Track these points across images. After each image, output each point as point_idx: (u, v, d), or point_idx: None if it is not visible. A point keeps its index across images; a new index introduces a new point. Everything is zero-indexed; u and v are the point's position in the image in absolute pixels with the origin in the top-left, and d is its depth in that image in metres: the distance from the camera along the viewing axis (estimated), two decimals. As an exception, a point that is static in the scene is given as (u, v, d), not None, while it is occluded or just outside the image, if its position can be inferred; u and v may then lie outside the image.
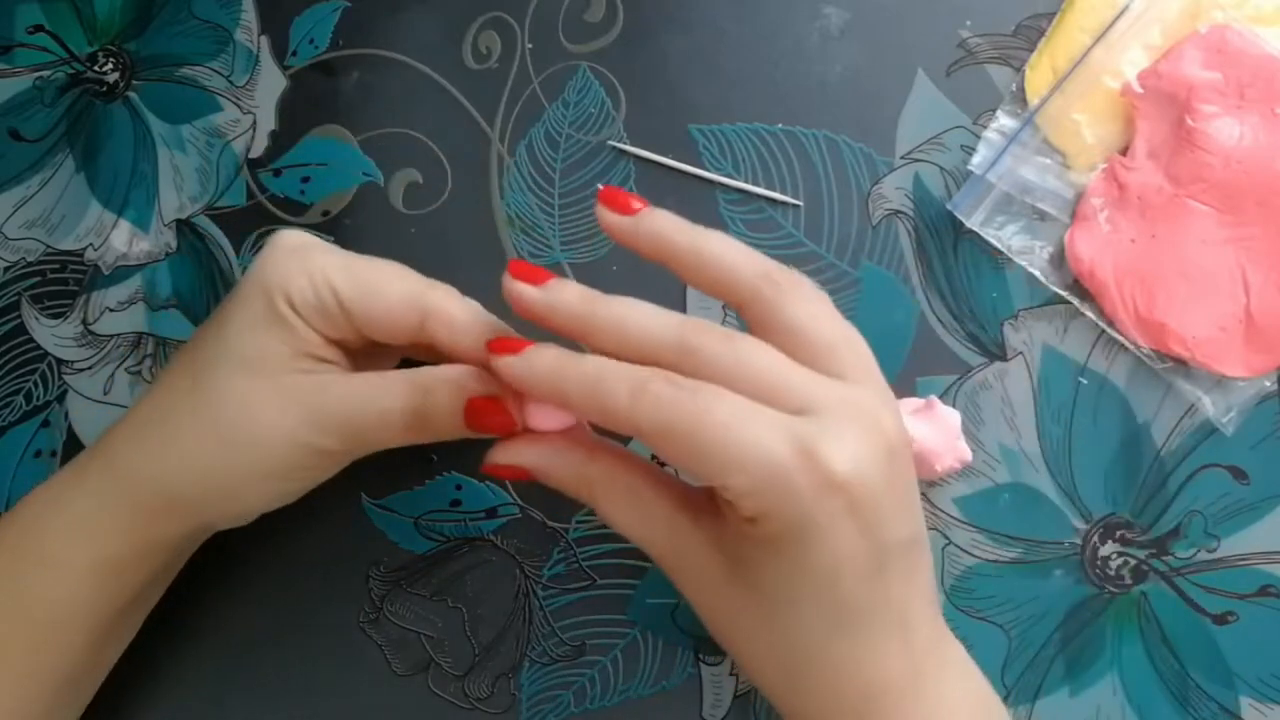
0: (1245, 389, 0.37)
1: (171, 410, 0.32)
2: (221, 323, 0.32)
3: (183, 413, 0.31)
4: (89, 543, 0.32)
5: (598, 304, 0.29)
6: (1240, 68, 0.37)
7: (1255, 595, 0.37)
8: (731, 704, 0.37)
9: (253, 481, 0.32)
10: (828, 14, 0.42)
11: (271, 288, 0.31)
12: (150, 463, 0.32)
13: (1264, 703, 0.36)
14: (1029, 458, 0.38)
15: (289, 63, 0.44)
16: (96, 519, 0.32)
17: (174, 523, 0.32)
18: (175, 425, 0.31)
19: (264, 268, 0.31)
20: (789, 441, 0.26)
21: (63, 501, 0.33)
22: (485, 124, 0.43)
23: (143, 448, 0.32)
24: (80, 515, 0.32)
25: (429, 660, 0.38)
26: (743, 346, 0.28)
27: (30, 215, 0.44)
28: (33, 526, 0.32)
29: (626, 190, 0.32)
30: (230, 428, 0.31)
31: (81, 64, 0.45)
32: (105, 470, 0.32)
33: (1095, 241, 0.38)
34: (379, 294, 0.31)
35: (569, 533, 0.39)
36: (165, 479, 0.31)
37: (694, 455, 0.26)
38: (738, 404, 0.26)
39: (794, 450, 0.26)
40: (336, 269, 0.31)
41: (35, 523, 0.33)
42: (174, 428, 0.31)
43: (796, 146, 0.41)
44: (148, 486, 0.32)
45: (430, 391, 0.30)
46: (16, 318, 0.43)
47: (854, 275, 0.40)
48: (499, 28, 0.43)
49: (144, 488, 0.32)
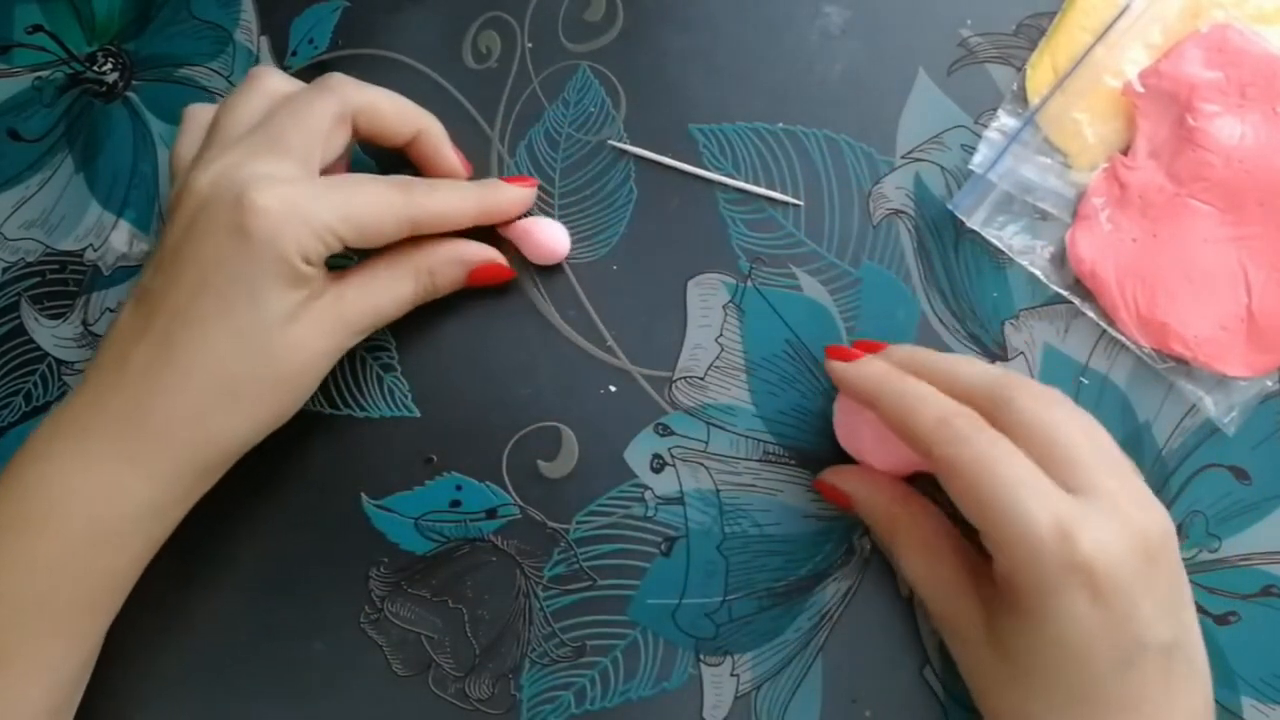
0: (1247, 389, 0.37)
1: (218, 368, 0.33)
2: (245, 285, 0.32)
3: (236, 365, 0.33)
4: (151, 522, 0.33)
5: (918, 356, 0.34)
6: (1241, 67, 0.37)
7: (1257, 595, 0.36)
8: (732, 705, 0.37)
9: (298, 400, 0.35)
10: (828, 13, 0.42)
11: (288, 254, 0.32)
12: (200, 423, 0.33)
13: (1266, 703, 0.36)
14: (1030, 458, 0.38)
15: (289, 63, 0.44)
16: (150, 495, 0.33)
17: (220, 465, 0.35)
18: (229, 382, 0.33)
19: (273, 235, 0.32)
20: (1052, 517, 0.28)
21: (101, 476, 0.32)
22: (485, 124, 0.43)
23: (182, 406, 0.33)
24: (137, 499, 0.33)
25: (429, 661, 0.38)
26: (1054, 413, 0.30)
27: (30, 216, 0.44)
28: (73, 509, 0.32)
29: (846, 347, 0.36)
30: (292, 373, 0.34)
31: (81, 64, 0.45)
32: (142, 436, 0.33)
33: (1096, 241, 0.38)
34: (378, 232, 0.35)
35: (569, 533, 0.39)
36: (222, 438, 0.34)
37: (970, 498, 0.29)
38: (1024, 469, 0.29)
39: (1053, 525, 0.28)
40: (339, 221, 0.33)
41: (74, 503, 0.32)
42: (227, 384, 0.33)
43: (797, 146, 0.41)
44: (201, 450, 0.33)
45: (435, 274, 0.38)
46: (16, 318, 0.43)
47: (855, 275, 0.40)
48: (499, 27, 0.43)
49: (196, 450, 0.33)
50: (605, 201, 0.41)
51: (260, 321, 0.33)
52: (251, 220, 0.32)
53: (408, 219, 0.36)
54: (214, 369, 0.33)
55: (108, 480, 0.32)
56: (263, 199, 0.32)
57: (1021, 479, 0.28)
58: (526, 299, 0.41)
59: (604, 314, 0.40)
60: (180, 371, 0.32)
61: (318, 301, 0.34)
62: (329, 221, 0.33)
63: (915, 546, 0.34)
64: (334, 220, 0.33)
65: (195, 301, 0.32)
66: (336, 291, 0.35)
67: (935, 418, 0.30)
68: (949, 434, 0.30)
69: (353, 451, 0.40)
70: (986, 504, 0.29)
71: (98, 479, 0.32)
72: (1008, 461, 0.29)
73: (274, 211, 0.32)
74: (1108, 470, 0.30)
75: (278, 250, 0.32)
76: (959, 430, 0.30)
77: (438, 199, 0.37)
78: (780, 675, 0.37)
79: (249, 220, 0.32)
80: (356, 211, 0.34)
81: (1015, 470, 0.29)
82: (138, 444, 0.32)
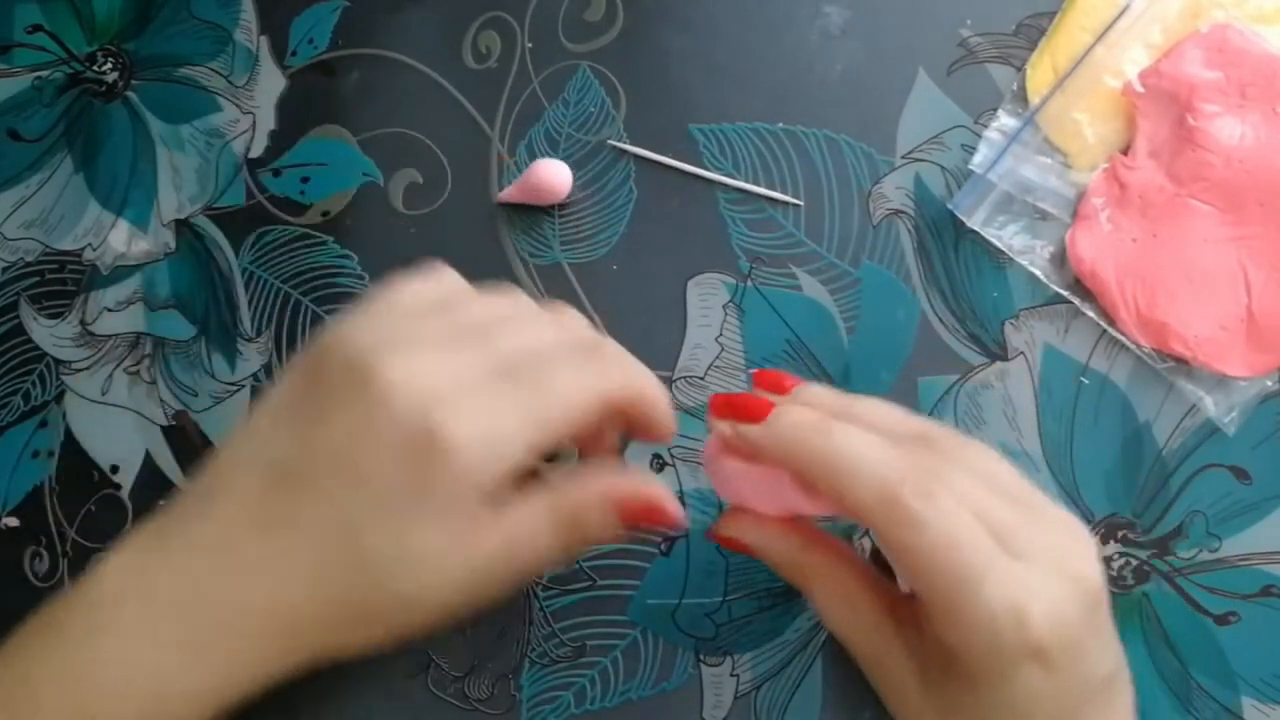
0: (1247, 389, 0.37)
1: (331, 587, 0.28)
2: (386, 521, 0.27)
3: (350, 590, 0.28)
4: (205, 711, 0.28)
5: (827, 402, 0.31)
6: (1241, 67, 0.37)
7: (1257, 595, 0.36)
8: (732, 705, 0.37)
9: (389, 637, 0.29)
10: (828, 13, 0.42)
11: (465, 488, 0.27)
12: (293, 632, 0.28)
13: (1266, 703, 0.36)
14: (1030, 458, 0.38)
15: (288, 63, 0.44)
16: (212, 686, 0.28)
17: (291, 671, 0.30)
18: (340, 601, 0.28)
19: (456, 467, 0.27)
20: (1007, 597, 0.26)
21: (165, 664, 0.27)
22: (485, 124, 0.43)
23: (286, 610, 0.28)
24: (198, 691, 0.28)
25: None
26: (981, 456, 0.29)
27: (29, 215, 0.44)
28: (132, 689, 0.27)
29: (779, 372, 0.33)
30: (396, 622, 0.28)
31: (80, 64, 0.45)
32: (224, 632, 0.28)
33: (1096, 241, 0.38)
34: (570, 425, 0.29)
35: (569, 533, 0.39)
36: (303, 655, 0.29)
37: (924, 579, 0.27)
38: (984, 547, 0.27)
39: (1008, 607, 0.26)
40: (534, 432, 0.28)
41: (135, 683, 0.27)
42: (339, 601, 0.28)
43: (797, 146, 0.41)
44: (275, 665, 0.29)
45: (580, 525, 0.30)
46: (15, 318, 0.43)
47: (855, 275, 0.40)
48: (499, 27, 0.43)
49: (274, 663, 0.29)
50: (605, 201, 0.41)
51: (380, 547, 0.27)
52: (440, 445, 0.27)
53: (604, 411, 0.29)
54: (327, 586, 0.27)
55: (171, 670, 0.27)
56: (459, 430, 0.27)
57: (982, 560, 0.27)
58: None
59: (604, 314, 0.40)
60: (299, 580, 0.27)
61: (459, 541, 0.28)
62: (527, 442, 0.28)
63: (831, 592, 0.31)
64: (532, 436, 0.28)
65: (341, 507, 0.27)
66: (477, 540, 0.28)
67: (877, 495, 0.27)
68: (900, 515, 0.27)
69: (352, 451, 0.40)
70: (941, 587, 0.27)
71: (160, 666, 0.27)
72: (969, 543, 0.27)
73: (463, 441, 0.27)
74: (1041, 522, 0.29)
75: (452, 483, 0.27)
76: (912, 513, 0.27)
77: (632, 366, 0.31)
78: (780, 675, 0.37)
79: (438, 445, 0.27)
80: (545, 411, 0.28)
81: (977, 553, 0.27)
82: (213, 635, 0.28)
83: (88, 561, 0.41)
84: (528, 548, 0.29)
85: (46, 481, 0.42)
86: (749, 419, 0.30)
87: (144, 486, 0.41)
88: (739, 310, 0.40)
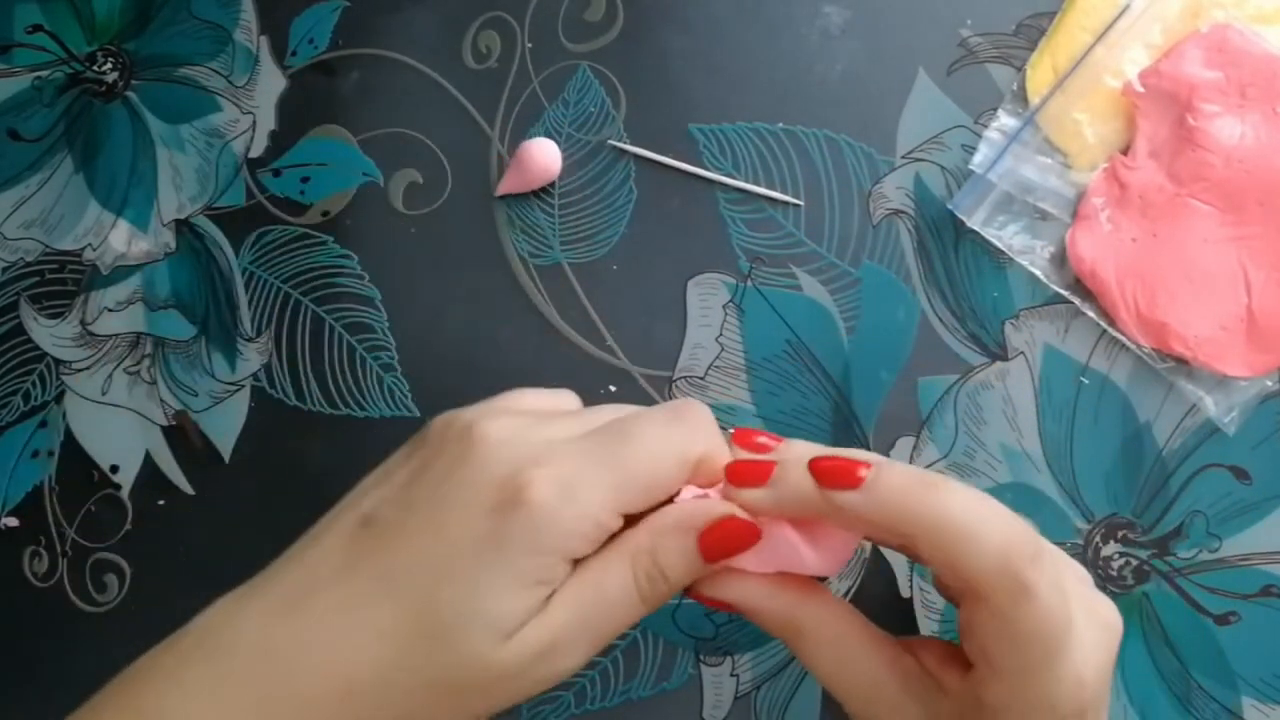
0: (1247, 388, 0.37)
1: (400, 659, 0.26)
2: (464, 571, 0.26)
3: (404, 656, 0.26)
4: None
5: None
6: (1241, 67, 0.37)
7: (1257, 595, 0.36)
8: (732, 705, 0.37)
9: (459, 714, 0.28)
10: (828, 13, 0.42)
11: (547, 551, 0.27)
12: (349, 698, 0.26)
13: (1266, 703, 0.36)
14: (1030, 458, 0.38)
15: (288, 63, 0.44)
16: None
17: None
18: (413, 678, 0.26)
19: (538, 519, 0.26)
20: (1076, 662, 0.26)
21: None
22: (485, 124, 0.43)
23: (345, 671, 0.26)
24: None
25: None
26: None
27: (29, 215, 0.44)
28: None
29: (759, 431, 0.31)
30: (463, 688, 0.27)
31: (80, 64, 0.45)
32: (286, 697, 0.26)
33: (1096, 241, 0.38)
34: (659, 487, 0.28)
35: (569, 533, 0.39)
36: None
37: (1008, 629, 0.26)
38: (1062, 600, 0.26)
39: (1075, 676, 0.26)
40: (617, 488, 0.27)
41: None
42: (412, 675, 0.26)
43: (797, 146, 0.41)
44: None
45: (666, 579, 0.28)
46: (15, 318, 0.43)
47: (855, 275, 0.40)
48: (499, 27, 0.43)
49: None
50: (605, 201, 0.41)
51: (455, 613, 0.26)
52: (524, 497, 0.26)
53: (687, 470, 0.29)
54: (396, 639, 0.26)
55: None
56: (545, 482, 0.26)
57: (1065, 628, 0.26)
58: (526, 299, 0.41)
59: (604, 314, 0.40)
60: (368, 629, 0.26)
61: (535, 600, 0.27)
62: (611, 500, 0.27)
63: (824, 649, 0.29)
64: (619, 495, 0.27)
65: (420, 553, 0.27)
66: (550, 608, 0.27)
67: (999, 563, 0.25)
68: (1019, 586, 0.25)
69: (353, 451, 0.40)
70: (1032, 655, 0.25)
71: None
72: (1060, 610, 0.26)
73: (548, 499, 0.26)
74: (1059, 558, 0.29)
75: (534, 544, 0.26)
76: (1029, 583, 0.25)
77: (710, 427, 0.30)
78: (780, 675, 0.37)
79: (523, 496, 0.26)
80: (635, 465, 0.28)
81: (1064, 621, 0.26)
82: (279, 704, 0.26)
83: (87, 561, 0.41)
84: (606, 601, 0.28)
85: (46, 481, 0.42)
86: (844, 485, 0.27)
87: (144, 486, 0.41)
88: (739, 310, 0.40)
